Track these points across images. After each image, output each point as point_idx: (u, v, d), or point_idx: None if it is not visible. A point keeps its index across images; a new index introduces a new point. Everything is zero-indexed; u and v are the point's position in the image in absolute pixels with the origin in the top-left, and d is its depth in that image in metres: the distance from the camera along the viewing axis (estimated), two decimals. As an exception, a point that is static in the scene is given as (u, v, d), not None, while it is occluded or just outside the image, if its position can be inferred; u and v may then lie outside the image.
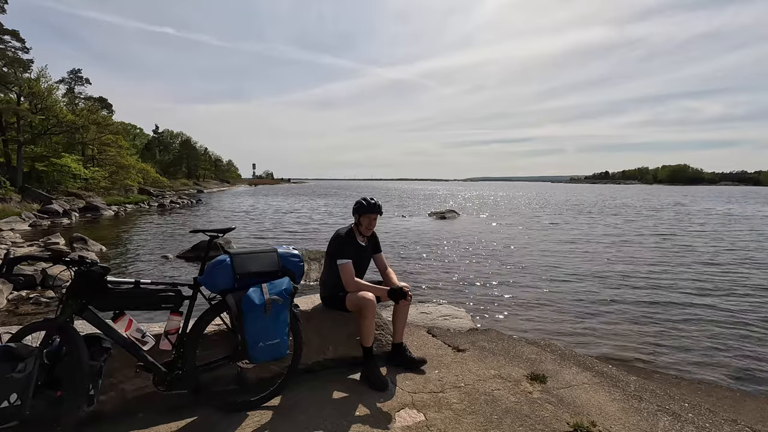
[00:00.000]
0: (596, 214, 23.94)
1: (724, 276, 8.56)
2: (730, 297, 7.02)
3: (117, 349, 2.00)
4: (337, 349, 2.89)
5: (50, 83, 29.07)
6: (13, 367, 1.60)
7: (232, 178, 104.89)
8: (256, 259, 2.27)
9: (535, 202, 37.91)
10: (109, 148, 33.63)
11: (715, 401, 3.57)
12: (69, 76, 38.61)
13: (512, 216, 23.37)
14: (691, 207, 30.45)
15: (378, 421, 2.26)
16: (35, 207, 20.56)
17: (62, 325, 1.80)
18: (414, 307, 4.66)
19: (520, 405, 2.48)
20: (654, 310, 6.29)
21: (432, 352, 3.26)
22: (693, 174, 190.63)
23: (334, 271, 2.84)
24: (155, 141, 73.76)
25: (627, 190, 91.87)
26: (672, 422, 2.44)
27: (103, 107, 39.79)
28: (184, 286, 2.20)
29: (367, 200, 2.99)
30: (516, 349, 3.49)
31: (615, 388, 2.86)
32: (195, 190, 57.71)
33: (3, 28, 25.41)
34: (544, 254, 11.07)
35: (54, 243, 10.88)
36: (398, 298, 2.80)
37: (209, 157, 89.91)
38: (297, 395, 2.49)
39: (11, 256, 2.01)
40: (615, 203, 35.76)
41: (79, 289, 1.86)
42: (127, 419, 2.18)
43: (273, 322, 2.16)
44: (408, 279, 7.52)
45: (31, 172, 26.29)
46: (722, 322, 5.78)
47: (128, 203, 28.81)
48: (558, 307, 6.44)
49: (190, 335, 2.18)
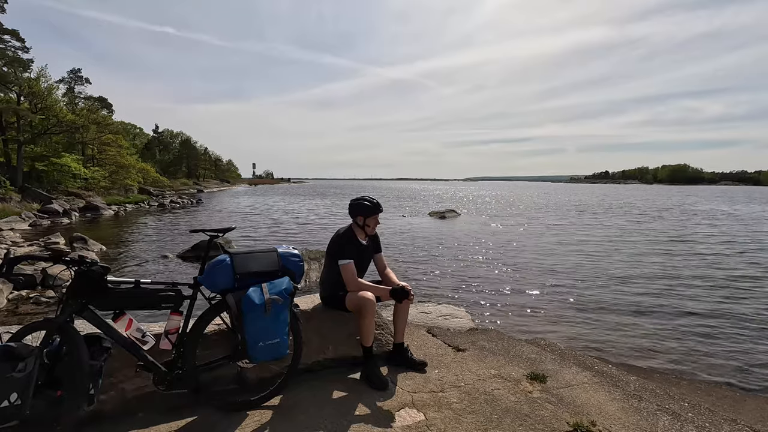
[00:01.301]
0: (600, 215, 23.84)
1: (723, 276, 8.55)
2: (730, 297, 7.02)
3: (117, 349, 2.00)
4: (337, 349, 2.89)
5: (50, 83, 29.09)
6: (13, 366, 1.60)
7: (232, 178, 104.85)
8: (256, 259, 2.27)
9: (535, 202, 37.91)
10: (109, 148, 33.62)
11: (715, 401, 3.58)
12: (69, 75, 38.66)
13: (512, 216, 23.37)
14: (697, 207, 29.90)
15: (378, 420, 2.26)
16: (35, 207, 20.55)
17: (62, 324, 1.80)
18: (414, 307, 4.66)
19: (520, 404, 2.48)
20: (654, 310, 6.29)
21: (432, 352, 3.26)
22: (693, 174, 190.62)
23: (334, 271, 2.84)
24: (155, 141, 73.74)
25: (627, 189, 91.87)
26: (672, 422, 2.44)
27: (103, 107, 39.81)
28: (184, 285, 2.20)
29: (370, 200, 2.96)
30: (516, 348, 3.50)
31: (615, 387, 2.86)
32: (195, 189, 57.68)
33: (3, 27, 25.41)
34: (544, 254, 11.07)
35: (54, 243, 10.88)
36: (401, 298, 2.79)
37: (209, 157, 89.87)
38: (297, 395, 2.49)
39: (11, 256, 2.01)
40: (617, 203, 35.67)
41: (79, 288, 1.86)
42: (127, 419, 2.18)
43: (273, 322, 2.16)
44: (408, 279, 7.52)
45: (31, 172, 26.28)
46: (722, 321, 5.78)
47: (128, 203, 28.80)
48: (558, 307, 6.43)
49: (190, 335, 2.18)
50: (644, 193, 62.13)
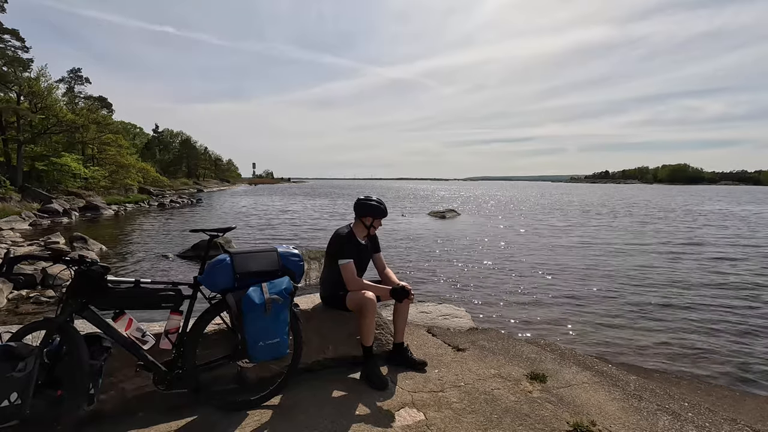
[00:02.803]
0: (603, 215, 23.77)
1: (724, 276, 8.56)
2: (730, 297, 7.02)
3: (117, 349, 2.00)
4: (337, 349, 2.89)
5: (50, 82, 29.08)
6: (13, 366, 1.60)
7: (232, 178, 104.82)
8: (256, 259, 2.27)
9: (535, 202, 37.89)
10: (109, 148, 33.62)
11: (715, 400, 3.58)
12: (69, 75, 38.69)
13: (513, 216, 23.37)
14: (703, 208, 29.30)
15: (378, 420, 2.26)
16: (35, 206, 20.55)
17: (62, 324, 1.80)
18: (414, 307, 4.65)
19: (520, 404, 2.48)
20: (654, 310, 6.29)
21: (432, 352, 3.26)
22: (693, 173, 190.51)
23: (334, 271, 2.84)
24: (155, 140, 73.72)
25: (628, 189, 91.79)
26: (672, 421, 2.44)
27: (103, 106, 39.80)
28: (184, 285, 2.20)
29: (380, 202, 2.99)
30: (516, 348, 3.49)
31: (615, 387, 2.86)
32: (195, 189, 57.69)
33: (3, 27, 25.40)
34: (544, 254, 11.07)
35: (54, 242, 10.88)
36: (401, 297, 2.79)
37: (209, 157, 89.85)
38: (297, 395, 2.49)
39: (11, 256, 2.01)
40: (619, 204, 35.66)
41: (79, 288, 1.86)
42: (127, 418, 2.18)
43: (273, 322, 2.16)
44: (408, 278, 7.52)
45: (31, 172, 26.27)
46: (722, 321, 5.78)
47: (128, 202, 28.82)
48: (558, 307, 6.44)
49: (190, 334, 2.18)
50: (645, 193, 62.09)
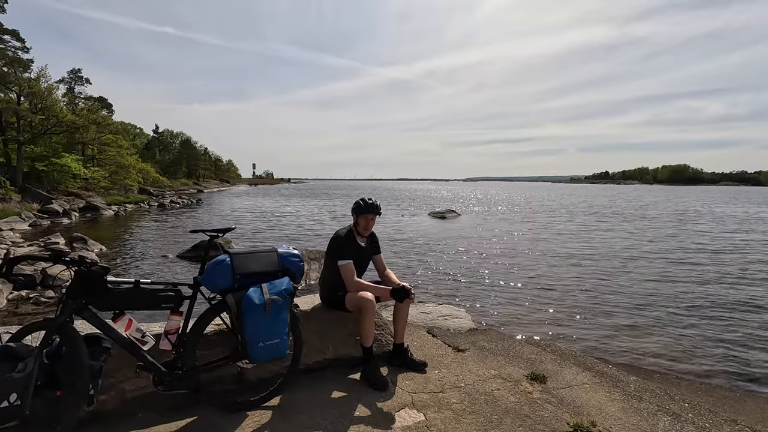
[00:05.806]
0: (601, 216, 23.81)
1: (723, 275, 8.55)
2: (730, 297, 7.01)
3: (117, 349, 2.00)
4: (337, 349, 2.89)
5: (50, 83, 29.15)
6: (12, 366, 1.60)
7: (232, 178, 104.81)
8: (256, 259, 2.27)
9: (535, 203, 37.89)
10: (109, 148, 33.61)
11: (715, 401, 3.57)
12: (69, 75, 38.65)
13: (513, 216, 23.37)
14: (717, 210, 27.62)
15: (378, 421, 2.26)
16: (35, 207, 20.54)
17: (62, 324, 1.80)
18: (414, 307, 4.65)
19: (520, 405, 2.48)
20: (654, 311, 6.29)
21: (432, 352, 3.26)
22: (693, 174, 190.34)
23: (333, 271, 2.84)
24: (155, 141, 73.76)
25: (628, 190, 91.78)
26: (672, 422, 2.44)
27: (103, 107, 39.75)
28: (184, 285, 2.20)
29: (364, 200, 2.98)
30: (516, 349, 3.49)
31: (615, 388, 2.86)
32: (195, 189, 57.68)
33: (3, 27, 25.41)
34: (544, 255, 11.06)
35: (54, 243, 10.87)
36: (402, 297, 2.79)
37: (209, 157, 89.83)
38: (297, 395, 2.49)
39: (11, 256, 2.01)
40: (621, 204, 35.68)
41: (79, 288, 1.86)
42: (127, 419, 2.18)
43: (273, 322, 2.16)
44: (408, 279, 7.52)
45: (31, 172, 26.28)
46: (722, 322, 5.78)
47: (128, 203, 28.81)
48: (558, 307, 6.43)
49: (190, 335, 2.18)
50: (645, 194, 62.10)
